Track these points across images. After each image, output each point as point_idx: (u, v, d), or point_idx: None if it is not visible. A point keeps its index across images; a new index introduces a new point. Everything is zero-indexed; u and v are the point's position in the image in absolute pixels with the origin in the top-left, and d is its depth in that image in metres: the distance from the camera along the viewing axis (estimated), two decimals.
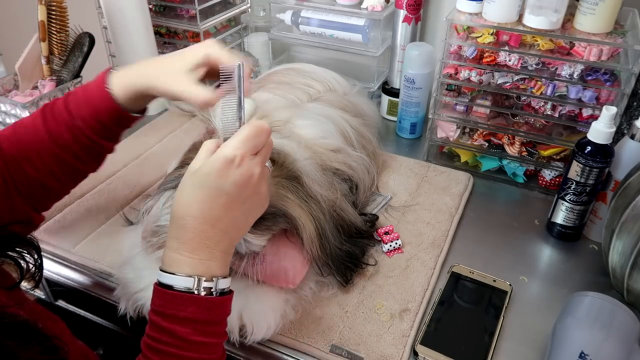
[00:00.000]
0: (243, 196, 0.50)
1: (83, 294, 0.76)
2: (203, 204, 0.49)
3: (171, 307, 0.49)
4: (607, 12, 0.78)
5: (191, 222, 0.49)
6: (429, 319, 0.66)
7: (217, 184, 0.49)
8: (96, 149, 0.68)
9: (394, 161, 0.98)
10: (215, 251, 0.50)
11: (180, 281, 0.49)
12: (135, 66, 0.64)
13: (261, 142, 0.52)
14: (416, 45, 1.01)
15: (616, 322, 0.59)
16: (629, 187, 0.67)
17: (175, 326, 0.48)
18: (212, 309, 0.50)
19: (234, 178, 0.49)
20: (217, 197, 0.49)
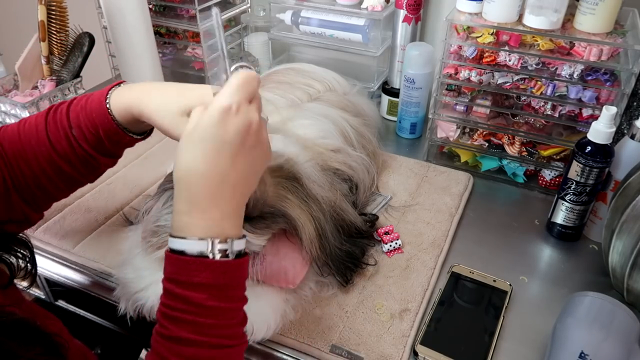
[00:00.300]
0: (247, 145, 0.48)
1: (83, 294, 0.76)
2: (208, 159, 0.47)
3: (185, 274, 0.46)
4: (607, 12, 0.78)
5: (198, 180, 0.47)
6: (429, 319, 0.66)
7: (218, 135, 0.47)
8: (92, 162, 0.66)
9: (394, 161, 0.98)
10: (227, 209, 0.48)
11: (192, 245, 0.46)
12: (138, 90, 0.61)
13: (253, 89, 0.49)
14: (416, 45, 1.01)
15: (616, 322, 0.59)
16: (629, 187, 0.67)
17: (190, 292, 0.46)
18: (228, 272, 0.47)
19: (235, 126, 0.47)
20: (221, 149, 0.47)
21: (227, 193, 0.48)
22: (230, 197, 0.48)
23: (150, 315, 0.65)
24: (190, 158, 0.47)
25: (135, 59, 1.09)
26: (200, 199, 0.47)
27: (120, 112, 0.61)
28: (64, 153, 0.63)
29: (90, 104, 0.63)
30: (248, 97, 0.49)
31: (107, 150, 0.66)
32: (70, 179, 0.67)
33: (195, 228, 0.47)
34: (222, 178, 0.47)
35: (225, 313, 0.47)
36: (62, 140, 0.62)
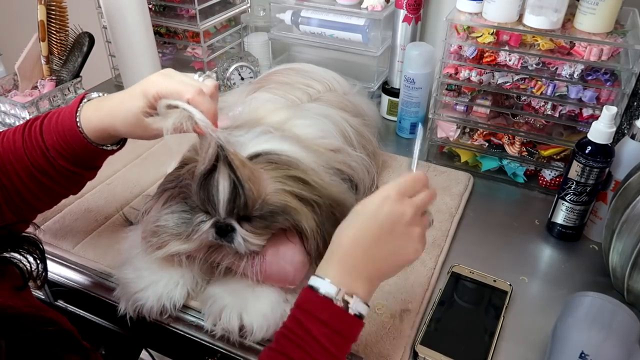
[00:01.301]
0: (395, 232, 0.54)
1: (83, 294, 0.76)
2: (357, 230, 0.54)
3: (311, 306, 0.52)
4: (607, 11, 0.78)
5: (345, 241, 0.54)
6: (429, 319, 0.66)
7: (372, 214, 0.54)
8: (74, 177, 0.66)
9: (394, 161, 0.98)
10: (362, 274, 0.53)
11: (325, 285, 0.52)
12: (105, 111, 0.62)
13: (416, 188, 0.56)
14: (416, 45, 1.01)
15: (616, 322, 0.59)
16: (629, 187, 0.67)
17: (309, 322, 0.51)
18: (345, 322, 0.51)
19: (387, 211, 0.53)
20: (370, 226, 0.53)
21: (364, 262, 0.53)
22: (365, 266, 0.54)
23: (149, 315, 0.66)
24: (347, 224, 0.55)
25: (135, 59, 1.09)
26: (342, 256, 0.54)
27: (94, 134, 0.63)
28: (43, 170, 0.63)
29: (62, 125, 0.63)
30: (408, 192, 0.56)
31: (87, 164, 0.67)
32: (53, 192, 0.67)
33: (331, 274, 0.53)
34: (364, 249, 0.53)
35: (327, 355, 0.51)
36: (40, 158, 0.63)
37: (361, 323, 0.53)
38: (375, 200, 0.55)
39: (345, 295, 0.52)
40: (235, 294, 0.64)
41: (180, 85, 0.59)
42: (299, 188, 0.64)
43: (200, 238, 0.62)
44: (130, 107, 0.60)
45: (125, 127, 0.62)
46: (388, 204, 0.54)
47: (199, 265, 0.66)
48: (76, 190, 0.70)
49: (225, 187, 0.58)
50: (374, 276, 0.55)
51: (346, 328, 0.52)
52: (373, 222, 0.54)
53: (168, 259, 0.66)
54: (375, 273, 0.55)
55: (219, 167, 0.57)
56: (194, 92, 0.58)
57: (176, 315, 0.67)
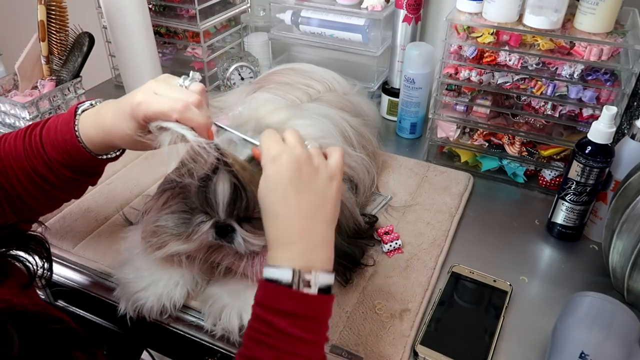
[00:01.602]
0: (303, 177, 0.53)
1: (83, 294, 0.76)
2: (279, 202, 0.52)
3: (270, 299, 0.50)
4: (607, 11, 0.78)
5: (278, 221, 0.52)
6: (429, 319, 0.66)
7: (274, 179, 0.53)
8: (76, 183, 0.66)
9: (394, 161, 0.98)
10: (313, 241, 0.52)
11: (279, 274, 0.50)
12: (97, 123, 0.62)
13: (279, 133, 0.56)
14: (416, 45, 1.01)
15: (616, 322, 0.59)
16: (629, 187, 0.67)
17: (273, 317, 0.49)
18: (310, 304, 0.50)
19: (283, 166, 0.52)
20: (285, 191, 0.52)
21: (307, 225, 0.52)
22: (311, 229, 0.52)
23: (149, 315, 0.66)
24: (268, 204, 0.53)
25: (135, 59, 1.09)
26: (285, 235, 0.52)
27: (94, 147, 0.63)
28: (44, 177, 0.63)
29: (62, 137, 0.62)
30: (279, 140, 0.55)
31: (89, 172, 0.67)
32: (55, 197, 0.67)
33: (283, 259, 0.51)
34: (297, 214, 0.52)
35: (304, 344, 0.49)
36: (41, 167, 0.62)
37: (331, 297, 0.52)
38: (267, 170, 0.53)
39: (304, 274, 0.50)
40: (235, 294, 0.64)
41: (167, 105, 0.56)
42: None
43: (200, 238, 0.62)
44: (123, 128, 0.59)
45: (124, 144, 0.62)
46: (278, 161, 0.53)
47: (199, 265, 0.66)
48: (78, 195, 0.70)
49: (225, 190, 0.58)
50: (324, 234, 0.54)
51: (315, 309, 0.50)
52: (281, 185, 0.52)
53: (168, 259, 0.66)
54: (323, 229, 0.54)
55: (218, 172, 0.57)
56: (181, 110, 0.56)
57: (176, 315, 0.67)
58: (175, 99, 0.57)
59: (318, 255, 0.52)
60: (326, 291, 0.51)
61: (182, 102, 0.56)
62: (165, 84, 0.59)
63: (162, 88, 0.58)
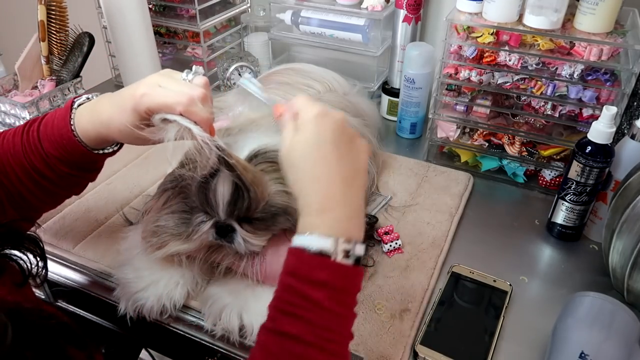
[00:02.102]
0: (345, 140, 0.51)
1: (83, 294, 0.76)
2: (321, 164, 0.50)
3: (306, 269, 0.46)
4: (607, 11, 0.78)
5: (319, 186, 0.49)
6: (429, 319, 0.66)
7: (317, 139, 0.50)
8: (75, 180, 0.66)
9: (394, 161, 0.98)
10: (351, 209, 0.50)
11: (317, 242, 0.47)
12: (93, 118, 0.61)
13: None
14: (416, 45, 1.01)
15: (616, 322, 0.59)
16: (629, 187, 0.67)
17: (310, 289, 0.46)
18: (348, 276, 0.47)
19: (329, 126, 0.51)
20: (327, 151, 0.50)
21: (346, 192, 0.50)
22: (351, 196, 0.50)
23: (149, 315, 0.66)
24: (308, 165, 0.50)
25: (135, 59, 1.09)
26: (325, 200, 0.49)
27: (91, 142, 0.62)
28: (43, 174, 0.63)
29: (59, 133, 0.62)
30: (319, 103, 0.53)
31: (88, 168, 0.66)
32: (55, 194, 0.67)
33: (321, 226, 0.48)
34: (339, 177, 0.50)
35: (339, 319, 0.47)
36: (39, 163, 0.62)
37: (362, 269, 0.49)
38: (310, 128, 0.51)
39: (343, 243, 0.47)
40: (235, 294, 0.64)
41: (171, 98, 0.55)
42: None
43: (201, 238, 0.62)
44: (123, 121, 0.58)
45: (122, 138, 0.61)
46: (324, 120, 0.51)
47: (199, 265, 0.66)
48: (78, 192, 0.70)
49: (225, 190, 0.58)
50: (359, 201, 0.51)
51: (351, 282, 0.48)
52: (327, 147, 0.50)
53: (168, 259, 0.66)
54: (359, 197, 0.51)
55: (220, 172, 0.57)
56: (186, 104, 0.55)
57: (176, 315, 0.67)
58: (180, 92, 0.56)
59: (355, 224, 0.49)
60: (358, 262, 0.49)
61: (187, 96, 0.55)
62: (169, 78, 0.59)
63: (166, 81, 0.58)
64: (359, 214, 0.51)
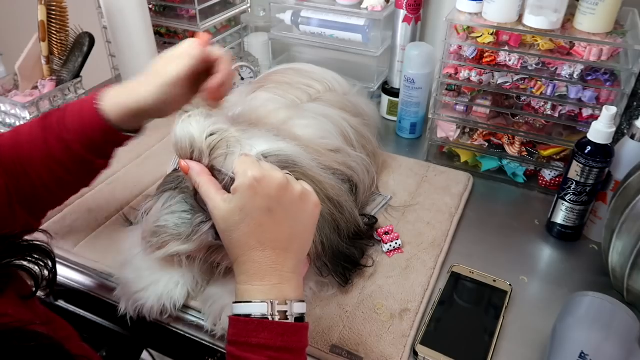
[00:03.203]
0: (283, 205, 0.50)
1: (83, 294, 0.76)
2: (254, 233, 0.50)
3: (244, 335, 0.48)
4: (607, 12, 0.78)
5: (252, 255, 0.50)
6: (429, 319, 0.66)
7: (251, 208, 0.50)
8: (86, 165, 0.66)
9: (394, 161, 0.98)
10: (284, 273, 0.50)
11: (254, 308, 0.48)
12: (130, 85, 0.64)
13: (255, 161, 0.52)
14: (416, 45, 1.01)
15: (616, 322, 0.59)
16: (629, 187, 0.67)
17: (249, 354, 0.47)
18: (286, 334, 0.48)
19: (262, 191, 0.50)
20: (260, 221, 0.50)
21: (281, 258, 0.50)
22: (284, 261, 0.51)
23: (150, 315, 0.66)
24: (237, 237, 0.50)
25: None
26: (257, 269, 0.50)
27: (115, 111, 0.63)
28: (59, 158, 0.64)
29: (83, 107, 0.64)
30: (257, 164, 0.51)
31: (102, 151, 0.67)
32: (66, 184, 0.67)
33: (256, 293, 0.49)
34: (274, 245, 0.50)
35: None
36: (57, 145, 0.63)
37: (306, 325, 0.50)
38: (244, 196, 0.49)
39: (279, 305, 0.48)
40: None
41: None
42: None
43: (201, 239, 0.62)
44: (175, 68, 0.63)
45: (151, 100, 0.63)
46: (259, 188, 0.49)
47: (199, 265, 0.66)
48: (88, 182, 0.71)
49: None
50: (295, 265, 0.51)
51: (293, 340, 0.49)
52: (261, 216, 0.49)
53: (168, 259, 0.66)
54: (295, 260, 0.51)
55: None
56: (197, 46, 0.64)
57: (176, 315, 0.67)
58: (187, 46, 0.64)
59: (291, 284, 0.50)
60: (300, 320, 0.50)
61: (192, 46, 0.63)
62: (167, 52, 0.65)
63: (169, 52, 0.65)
64: (297, 272, 0.52)
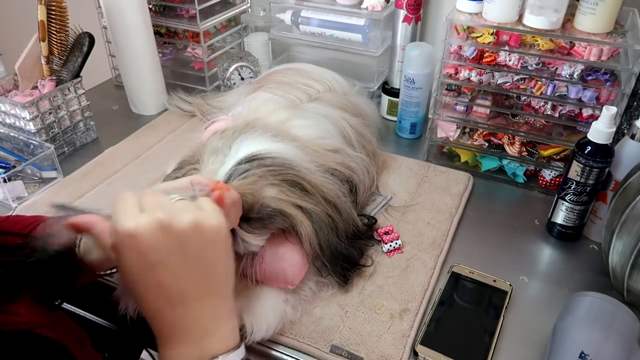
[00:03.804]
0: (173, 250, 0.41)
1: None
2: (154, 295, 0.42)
3: None
4: (607, 12, 0.78)
5: (164, 316, 0.43)
6: (429, 319, 0.66)
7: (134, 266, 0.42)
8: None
9: (394, 161, 0.98)
10: (205, 324, 0.43)
11: None
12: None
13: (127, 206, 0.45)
14: (416, 45, 1.01)
15: (616, 322, 0.59)
16: (629, 187, 0.67)
17: None
18: None
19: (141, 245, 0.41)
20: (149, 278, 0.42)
21: (196, 310, 0.43)
22: (201, 311, 0.43)
23: None
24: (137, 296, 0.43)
25: (135, 59, 1.09)
26: (167, 336, 0.43)
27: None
28: None
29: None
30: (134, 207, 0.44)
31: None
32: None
33: (178, 358, 0.43)
34: (179, 301, 0.42)
35: None
36: None
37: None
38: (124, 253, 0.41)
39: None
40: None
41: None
42: (296, 196, 0.63)
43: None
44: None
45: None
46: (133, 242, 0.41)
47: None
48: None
49: None
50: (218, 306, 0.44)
51: None
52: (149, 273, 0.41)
53: None
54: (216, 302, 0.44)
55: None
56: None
57: None
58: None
59: (217, 336, 0.44)
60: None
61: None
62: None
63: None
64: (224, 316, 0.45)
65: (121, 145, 1.03)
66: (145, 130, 1.08)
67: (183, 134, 1.06)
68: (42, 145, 0.94)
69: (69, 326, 0.58)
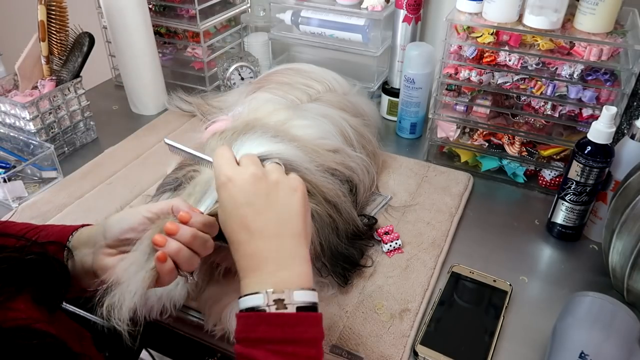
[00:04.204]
0: (260, 195, 0.50)
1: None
2: (239, 229, 0.49)
3: (245, 331, 0.46)
4: (607, 12, 0.78)
5: (245, 249, 0.49)
6: (429, 319, 0.66)
7: (230, 205, 0.50)
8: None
9: (394, 161, 0.98)
10: (281, 259, 0.48)
11: (250, 301, 0.46)
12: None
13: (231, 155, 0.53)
14: (416, 45, 1.01)
15: (616, 322, 0.59)
16: (629, 187, 0.67)
17: (250, 349, 0.45)
18: (286, 325, 0.45)
19: (235, 189, 0.50)
20: (241, 215, 0.49)
21: (273, 245, 0.49)
22: (279, 248, 0.49)
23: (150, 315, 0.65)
24: (229, 232, 0.50)
25: (135, 59, 1.09)
26: (250, 261, 0.49)
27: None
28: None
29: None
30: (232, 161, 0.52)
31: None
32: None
33: (252, 285, 0.48)
34: (260, 236, 0.49)
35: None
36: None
37: (315, 315, 0.47)
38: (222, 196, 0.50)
39: (275, 294, 0.46)
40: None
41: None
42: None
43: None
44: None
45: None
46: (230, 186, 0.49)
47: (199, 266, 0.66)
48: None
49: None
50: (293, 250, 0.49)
51: (295, 331, 0.45)
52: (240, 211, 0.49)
53: None
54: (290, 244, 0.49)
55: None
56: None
57: (176, 315, 0.67)
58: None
59: (290, 272, 0.48)
60: (309, 309, 0.47)
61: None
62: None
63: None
64: (297, 259, 0.49)
65: (121, 145, 1.03)
66: (145, 130, 1.08)
67: (183, 134, 1.06)
68: (42, 145, 0.94)
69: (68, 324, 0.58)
